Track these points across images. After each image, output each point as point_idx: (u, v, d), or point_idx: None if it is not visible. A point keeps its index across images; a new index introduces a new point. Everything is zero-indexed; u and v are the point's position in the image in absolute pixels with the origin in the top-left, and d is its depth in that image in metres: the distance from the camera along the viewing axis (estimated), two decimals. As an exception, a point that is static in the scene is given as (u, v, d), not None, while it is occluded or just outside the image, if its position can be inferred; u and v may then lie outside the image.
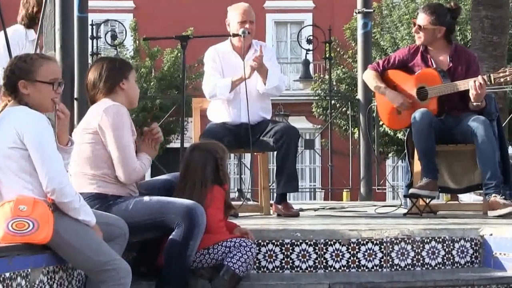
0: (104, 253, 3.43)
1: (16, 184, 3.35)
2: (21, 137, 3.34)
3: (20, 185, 3.35)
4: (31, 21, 5.66)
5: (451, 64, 5.40)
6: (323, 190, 17.92)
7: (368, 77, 5.63)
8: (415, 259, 4.12)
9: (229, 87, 5.32)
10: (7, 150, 3.35)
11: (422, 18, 5.41)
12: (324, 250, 4.06)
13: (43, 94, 3.46)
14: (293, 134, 5.25)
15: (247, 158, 10.46)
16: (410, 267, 4.11)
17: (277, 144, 5.23)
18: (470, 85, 5.13)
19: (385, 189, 11.57)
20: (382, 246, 4.08)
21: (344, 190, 11.29)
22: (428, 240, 4.14)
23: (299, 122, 19.50)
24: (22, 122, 3.36)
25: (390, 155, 16.37)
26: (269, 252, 4.05)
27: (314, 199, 18.30)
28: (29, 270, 3.27)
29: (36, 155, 3.34)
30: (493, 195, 5.09)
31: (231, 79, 5.34)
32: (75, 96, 6.18)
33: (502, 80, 5.18)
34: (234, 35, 5.41)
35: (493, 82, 5.18)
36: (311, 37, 12.24)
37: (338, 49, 16.24)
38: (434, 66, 5.42)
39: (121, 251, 3.63)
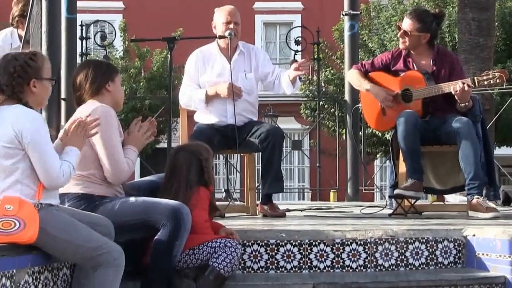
0: (94, 239, 3.46)
1: (5, 183, 3.37)
2: (18, 137, 3.35)
3: (9, 184, 3.37)
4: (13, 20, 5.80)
5: (434, 68, 5.44)
6: (311, 191, 17.97)
7: (353, 77, 5.67)
8: (399, 259, 4.15)
9: (203, 102, 5.41)
10: (2, 149, 3.36)
11: (409, 24, 5.44)
12: (309, 251, 4.09)
13: (46, 91, 3.52)
14: (277, 135, 5.29)
15: (235, 158, 10.50)
16: (394, 267, 4.14)
17: (262, 144, 5.27)
18: (457, 86, 5.17)
19: (373, 189, 11.62)
20: (366, 247, 4.11)
21: (331, 190, 11.32)
22: (412, 241, 4.17)
23: (288, 123, 19.57)
24: (20, 122, 3.36)
25: (378, 155, 16.42)
26: (254, 253, 4.08)
27: (303, 199, 18.33)
28: (14, 271, 3.27)
29: (35, 155, 3.36)
30: (476, 196, 5.13)
31: (205, 92, 5.39)
32: (63, 96, 6.21)
33: (486, 83, 5.22)
34: (221, 36, 5.45)
35: (477, 85, 5.23)
36: (299, 38, 12.25)
37: (326, 51, 16.29)
38: (416, 69, 5.46)
39: None
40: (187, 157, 4.08)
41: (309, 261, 4.09)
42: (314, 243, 4.09)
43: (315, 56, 12.49)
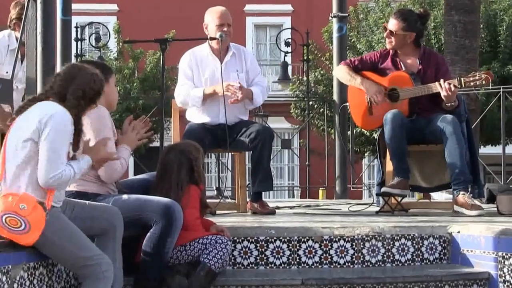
0: (87, 248, 3.51)
1: (21, 176, 3.41)
2: (40, 130, 3.40)
3: (24, 177, 3.41)
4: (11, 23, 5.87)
5: (420, 67, 5.52)
6: (300, 189, 18.07)
7: (343, 72, 5.69)
8: (385, 255, 4.21)
9: (201, 98, 5.45)
10: (23, 142, 3.41)
11: (394, 24, 5.53)
12: (298, 247, 4.14)
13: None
14: (267, 135, 5.36)
15: (226, 157, 10.57)
16: (380, 263, 4.20)
17: (252, 144, 5.34)
18: (443, 87, 5.25)
19: (360, 187, 11.71)
20: (354, 243, 4.17)
21: (320, 188, 11.41)
22: (398, 237, 4.23)
23: (278, 122, 19.64)
24: (47, 116, 3.41)
25: (366, 154, 16.53)
26: (244, 249, 4.13)
27: (293, 197, 18.45)
28: (10, 266, 3.33)
29: (44, 149, 3.39)
30: (461, 192, 5.21)
31: (203, 90, 5.45)
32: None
33: (472, 84, 5.31)
34: (212, 38, 5.51)
35: (463, 85, 5.32)
36: (289, 40, 12.36)
37: (315, 52, 16.39)
38: (404, 69, 5.55)
39: (114, 242, 3.68)
40: (177, 157, 4.12)
41: (297, 257, 4.15)
42: (303, 239, 4.15)
43: (305, 57, 12.61)
